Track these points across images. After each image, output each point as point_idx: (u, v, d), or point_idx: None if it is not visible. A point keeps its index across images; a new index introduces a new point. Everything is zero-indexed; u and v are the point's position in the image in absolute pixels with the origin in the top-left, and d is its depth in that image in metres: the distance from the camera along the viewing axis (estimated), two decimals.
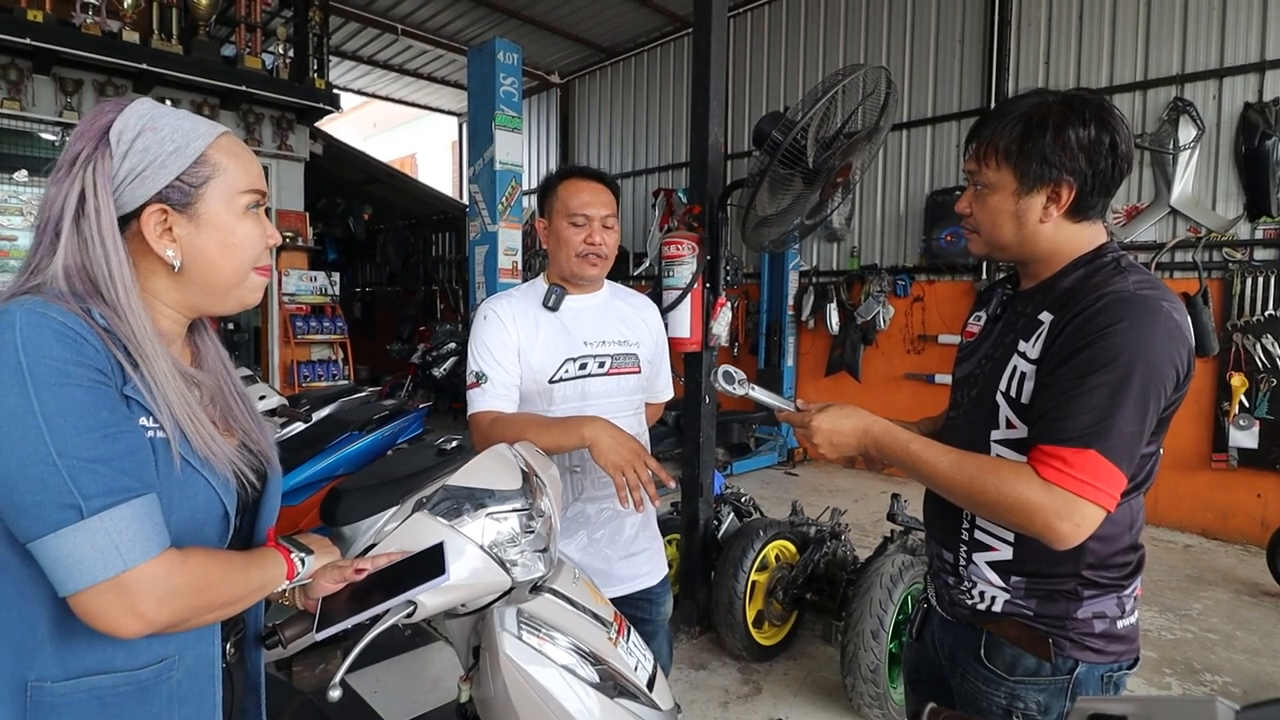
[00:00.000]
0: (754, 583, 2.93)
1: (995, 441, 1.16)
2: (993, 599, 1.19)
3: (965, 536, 1.22)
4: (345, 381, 6.41)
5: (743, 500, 3.56)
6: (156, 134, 0.84)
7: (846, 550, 3.16)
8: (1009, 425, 1.14)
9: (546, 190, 1.67)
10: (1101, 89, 5.05)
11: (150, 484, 0.79)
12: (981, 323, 1.32)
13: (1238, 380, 4.52)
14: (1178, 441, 4.81)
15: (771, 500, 5.41)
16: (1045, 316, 1.11)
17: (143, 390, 0.81)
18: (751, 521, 3.19)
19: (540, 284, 1.69)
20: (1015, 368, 1.13)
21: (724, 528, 3.32)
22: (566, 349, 1.61)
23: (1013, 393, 1.13)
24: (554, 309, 1.63)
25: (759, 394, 1.30)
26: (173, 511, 0.82)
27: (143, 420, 0.81)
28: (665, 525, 3.43)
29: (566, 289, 1.66)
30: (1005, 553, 1.17)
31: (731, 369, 1.32)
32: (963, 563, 1.23)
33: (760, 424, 6.71)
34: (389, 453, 3.72)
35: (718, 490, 3.42)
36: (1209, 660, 3.12)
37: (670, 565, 3.40)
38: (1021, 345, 1.13)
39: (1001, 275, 1.42)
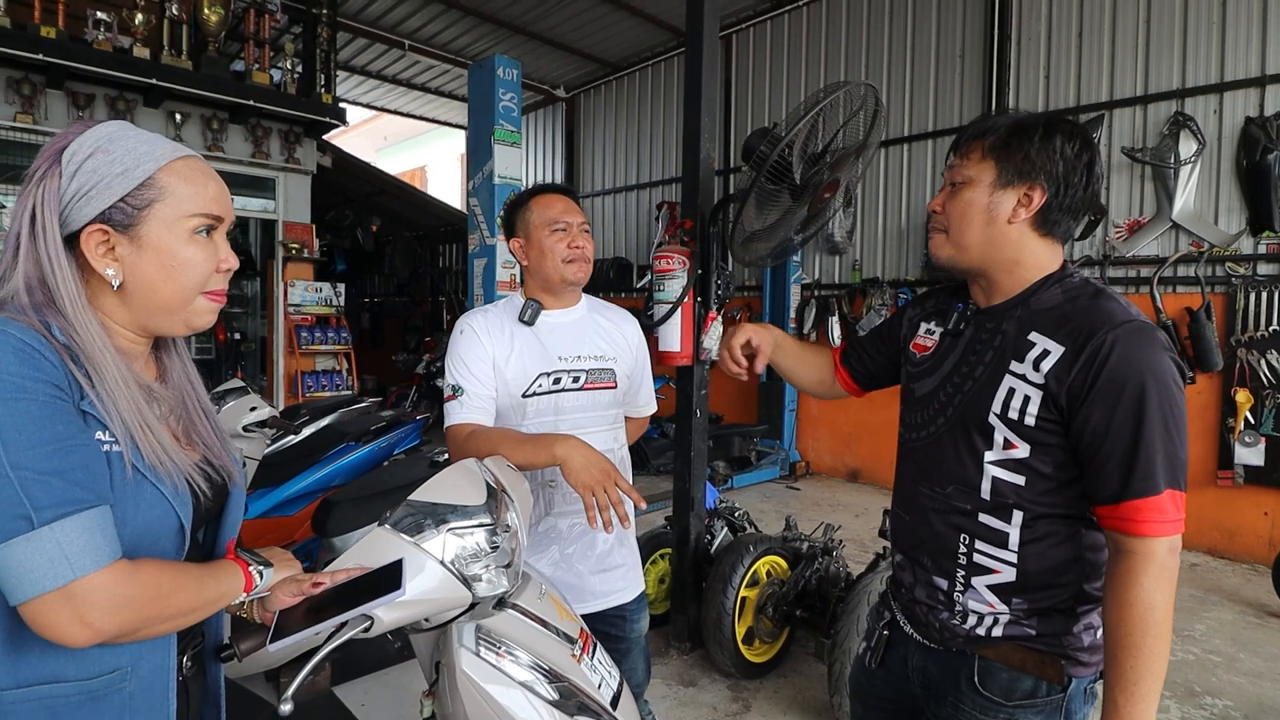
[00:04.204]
0: (744, 599, 2.92)
1: (990, 463, 1.15)
2: (992, 623, 1.17)
3: (963, 560, 1.19)
4: (347, 392, 6.45)
5: (736, 515, 3.55)
6: (107, 156, 0.86)
7: (839, 566, 3.14)
8: (1007, 446, 1.13)
9: (516, 209, 1.70)
10: (1102, 103, 5.06)
11: (103, 496, 0.80)
12: (935, 336, 1.30)
13: (1243, 396, 4.47)
14: None
15: (772, 514, 5.38)
16: (1040, 339, 1.11)
17: (97, 404, 0.83)
18: (742, 537, 3.18)
19: (518, 299, 1.70)
20: (1013, 389, 1.12)
21: (717, 542, 3.30)
22: (541, 363, 1.62)
23: (1013, 414, 1.12)
24: (530, 323, 1.65)
25: None
26: (127, 523, 0.83)
27: (99, 434, 0.83)
28: (658, 539, 3.43)
29: (543, 304, 1.68)
30: (1008, 574, 1.15)
31: None
32: (959, 589, 1.20)
33: (761, 437, 6.69)
34: (385, 464, 3.74)
35: (711, 504, 3.40)
36: (1210, 683, 3.06)
37: (663, 580, 3.41)
38: (1015, 366, 1.12)
39: (939, 286, 1.41)
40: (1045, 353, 1.10)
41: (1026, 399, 1.11)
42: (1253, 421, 4.47)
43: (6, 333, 0.78)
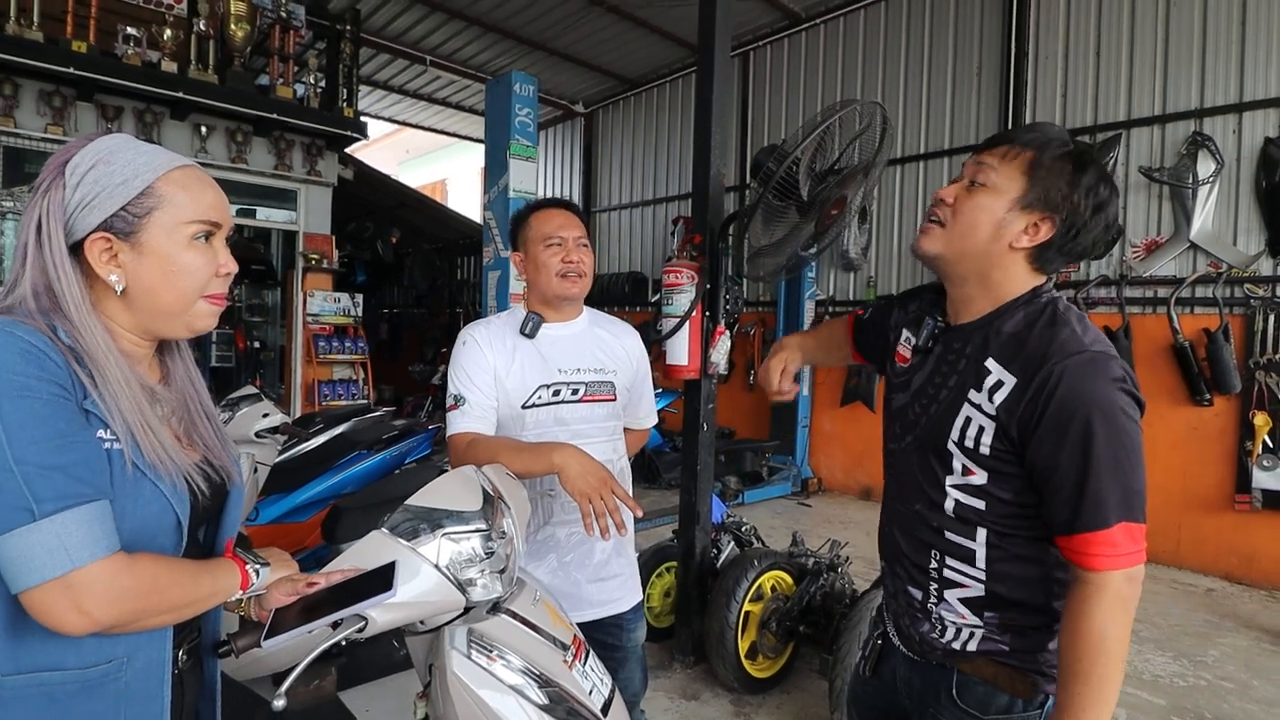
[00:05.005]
0: (747, 613, 2.91)
1: (952, 486, 1.16)
2: (968, 636, 1.19)
3: (935, 574, 1.21)
4: (362, 401, 6.52)
5: (743, 529, 3.54)
6: (108, 167, 0.90)
7: (844, 583, 3.12)
8: (966, 472, 1.14)
9: (518, 224, 1.73)
10: (1119, 122, 5.03)
11: (103, 491, 0.84)
12: (911, 347, 1.30)
13: (1261, 419, 4.39)
14: (1200, 482, 4.68)
15: (782, 530, 5.35)
16: (995, 368, 1.11)
17: (100, 404, 0.86)
18: (747, 551, 3.17)
19: (520, 312, 1.74)
20: (969, 419, 1.12)
21: (723, 557, 3.30)
22: (540, 375, 1.65)
23: (969, 443, 1.12)
24: (530, 336, 1.68)
25: None
26: (126, 518, 0.86)
27: (100, 432, 0.86)
28: (664, 553, 3.43)
29: (545, 317, 1.71)
30: (976, 589, 1.16)
31: None
32: (933, 600, 1.22)
33: (774, 452, 6.67)
34: (396, 472, 3.78)
35: (718, 519, 3.40)
36: (1221, 710, 3.00)
37: (668, 594, 3.41)
38: (973, 395, 1.13)
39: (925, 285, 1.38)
40: (999, 383, 1.10)
41: (981, 429, 1.11)
42: (1271, 445, 4.39)
43: (13, 334, 0.82)
